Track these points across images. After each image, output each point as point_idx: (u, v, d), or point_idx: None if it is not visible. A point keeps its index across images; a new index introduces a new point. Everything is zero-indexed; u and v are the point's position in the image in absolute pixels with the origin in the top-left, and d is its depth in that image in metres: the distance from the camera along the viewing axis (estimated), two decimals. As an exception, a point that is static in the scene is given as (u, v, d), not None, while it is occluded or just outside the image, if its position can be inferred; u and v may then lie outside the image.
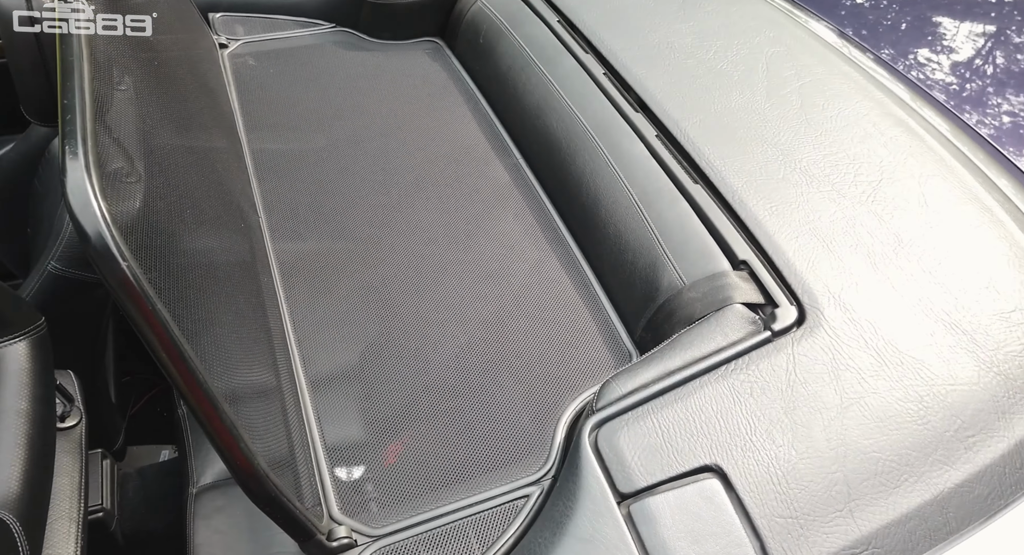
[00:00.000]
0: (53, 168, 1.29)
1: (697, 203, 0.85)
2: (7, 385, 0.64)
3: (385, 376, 0.84)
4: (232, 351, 0.63)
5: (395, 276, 0.96)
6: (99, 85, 0.58)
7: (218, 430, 0.53)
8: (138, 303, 0.49)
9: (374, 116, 1.23)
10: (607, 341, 0.85)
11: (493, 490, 0.68)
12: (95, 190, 0.49)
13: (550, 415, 0.77)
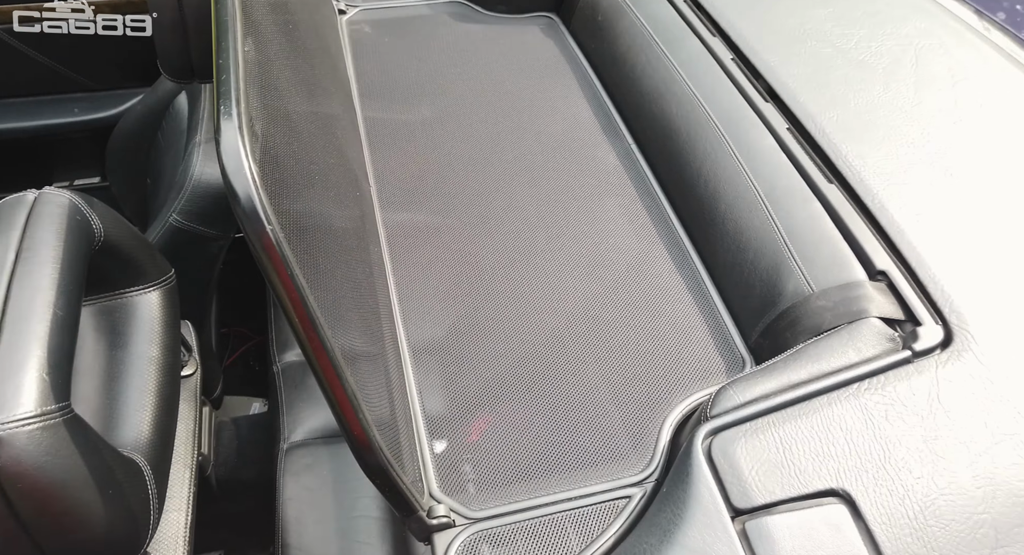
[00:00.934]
0: (176, 123, 1.35)
1: (831, 204, 0.79)
2: (140, 332, 0.67)
3: (480, 354, 0.83)
4: (351, 318, 0.64)
5: (494, 254, 0.95)
6: (250, 46, 0.59)
7: (340, 399, 0.53)
8: (278, 267, 0.49)
9: (484, 90, 1.21)
10: (718, 343, 0.81)
11: (593, 486, 0.67)
12: (247, 151, 0.49)
13: (653, 415, 0.74)
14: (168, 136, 1.36)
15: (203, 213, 1.09)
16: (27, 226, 0.58)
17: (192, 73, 1.04)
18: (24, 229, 0.58)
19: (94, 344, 0.65)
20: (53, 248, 0.57)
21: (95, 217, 0.64)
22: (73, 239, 0.59)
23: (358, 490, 1.08)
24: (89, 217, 0.63)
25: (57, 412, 0.49)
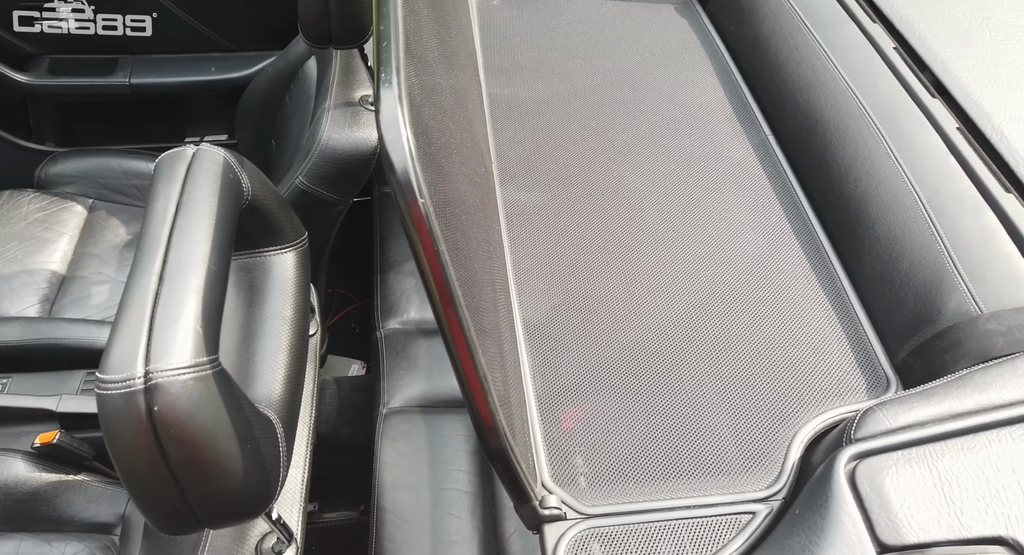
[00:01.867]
0: (304, 87, 1.38)
1: (1008, 217, 0.71)
2: (274, 291, 0.69)
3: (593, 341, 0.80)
4: (483, 297, 0.63)
5: (611, 239, 0.92)
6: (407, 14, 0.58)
7: (470, 379, 0.52)
8: (425, 243, 0.49)
9: (610, 70, 1.17)
10: (858, 357, 0.74)
11: (713, 497, 0.63)
12: (405, 122, 0.48)
13: (781, 428, 0.69)
14: (296, 99, 1.40)
15: (327, 177, 1.11)
16: (186, 180, 0.60)
17: (330, 39, 1.06)
18: (184, 183, 0.60)
19: (233, 300, 0.68)
20: (209, 204, 0.59)
21: (244, 176, 0.66)
22: (226, 196, 0.61)
23: (452, 462, 1.09)
24: (240, 175, 0.65)
25: (208, 365, 0.51)
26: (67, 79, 1.58)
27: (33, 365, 1.23)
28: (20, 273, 1.37)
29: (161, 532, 0.54)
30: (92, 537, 1.05)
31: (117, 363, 0.48)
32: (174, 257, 0.55)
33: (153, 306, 0.51)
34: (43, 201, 1.50)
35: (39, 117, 1.67)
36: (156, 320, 0.50)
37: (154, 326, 0.50)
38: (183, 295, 0.53)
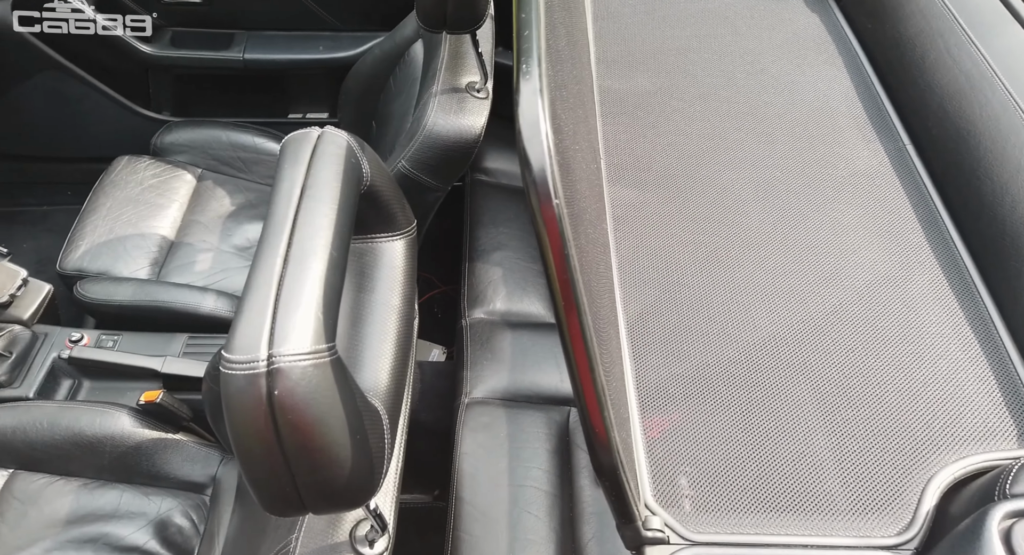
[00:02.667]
0: (410, 71, 1.38)
1: None
2: (383, 279, 0.68)
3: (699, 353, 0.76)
4: (599, 303, 0.60)
5: (717, 244, 0.87)
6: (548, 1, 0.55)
7: (587, 392, 0.49)
8: (555, 244, 0.46)
9: (731, 66, 1.10)
10: (1008, 399, 0.67)
11: (835, 538, 0.58)
12: (546, 116, 0.46)
13: (911, 468, 0.63)
14: (400, 82, 1.41)
15: (430, 163, 1.11)
16: (311, 163, 0.60)
17: (444, 23, 1.04)
18: (309, 165, 0.60)
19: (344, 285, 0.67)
20: (332, 188, 0.59)
21: (365, 161, 0.65)
22: (348, 181, 0.61)
23: (531, 460, 1.08)
24: (361, 160, 0.65)
25: (327, 352, 0.50)
26: (186, 51, 1.65)
27: (140, 325, 1.30)
28: (134, 236, 1.44)
29: (265, 511, 0.54)
30: (185, 495, 1.10)
31: (242, 344, 0.48)
32: (298, 240, 0.55)
33: (278, 289, 0.51)
34: (157, 168, 1.58)
35: (158, 87, 1.75)
36: (280, 304, 0.50)
37: (278, 310, 0.50)
38: (306, 280, 0.52)
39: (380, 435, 0.56)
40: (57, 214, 1.85)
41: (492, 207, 1.53)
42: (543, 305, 1.35)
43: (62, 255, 1.38)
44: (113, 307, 1.29)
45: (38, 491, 1.04)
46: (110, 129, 1.73)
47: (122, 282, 1.32)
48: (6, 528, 1.00)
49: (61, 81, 1.63)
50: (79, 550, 1.00)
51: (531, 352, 1.24)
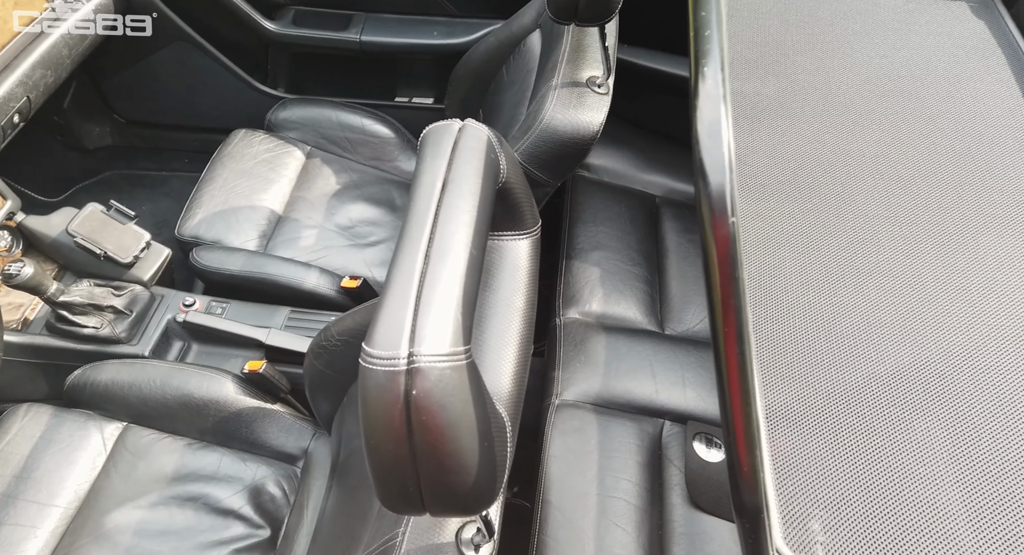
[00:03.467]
0: (524, 61, 1.36)
1: None
2: (507, 279, 0.67)
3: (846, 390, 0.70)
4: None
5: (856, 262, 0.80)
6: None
7: (739, 427, 0.46)
8: (724, 265, 0.42)
9: (878, 71, 1.02)
10: None
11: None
12: (728, 124, 0.42)
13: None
14: (513, 72, 1.39)
15: (543, 158, 1.08)
16: (453, 156, 0.59)
17: (575, 14, 1.01)
18: (451, 159, 0.59)
19: (467, 280, 0.66)
20: (473, 184, 0.57)
21: (503, 156, 0.64)
22: (488, 177, 0.59)
23: (622, 471, 1.05)
24: (499, 156, 0.63)
25: (463, 354, 0.49)
26: (307, 30, 1.69)
27: (246, 294, 1.34)
28: (246, 208, 1.50)
29: (382, 504, 0.54)
30: (278, 464, 1.14)
31: (384, 340, 0.48)
32: (440, 237, 0.53)
33: (419, 287, 0.50)
34: (270, 143, 1.63)
35: (276, 64, 1.81)
36: (421, 302, 0.49)
37: (419, 308, 0.49)
38: (446, 279, 0.51)
39: (504, 443, 0.54)
40: (174, 180, 1.95)
41: (593, 205, 1.49)
42: (641, 311, 1.31)
43: (180, 221, 1.44)
44: (224, 275, 1.34)
45: (147, 446, 1.10)
46: (229, 102, 1.80)
47: (233, 252, 1.37)
48: (118, 477, 1.06)
49: (189, 53, 1.70)
50: (181, 507, 1.04)
51: (626, 359, 1.20)
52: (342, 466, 0.93)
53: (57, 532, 0.99)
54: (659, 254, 1.43)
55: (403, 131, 1.72)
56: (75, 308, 1.19)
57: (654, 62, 1.57)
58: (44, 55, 1.35)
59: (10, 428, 1.06)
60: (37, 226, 1.30)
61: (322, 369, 1.05)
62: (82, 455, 1.06)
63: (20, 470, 1.02)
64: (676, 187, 1.56)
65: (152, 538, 1.00)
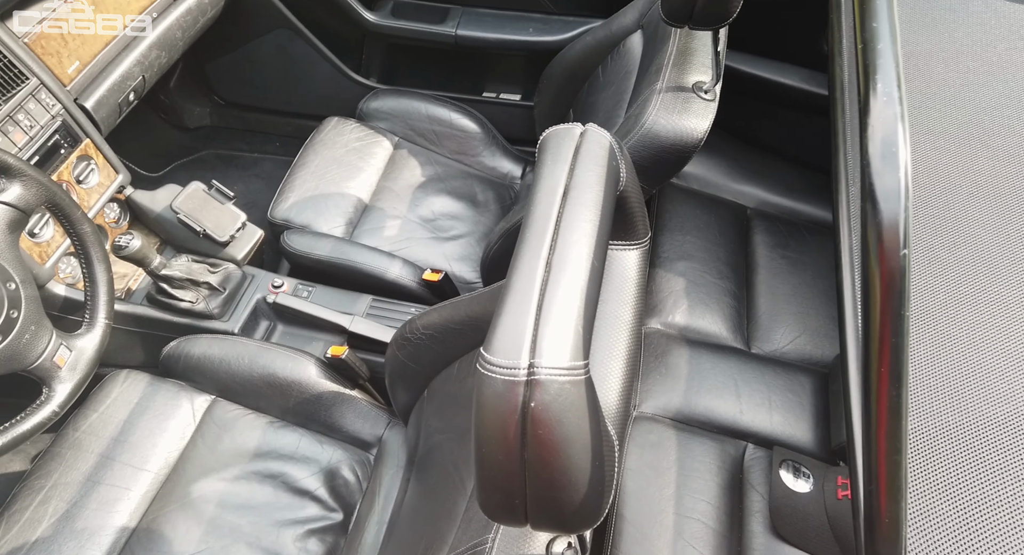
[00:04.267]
0: (623, 62, 1.33)
1: None
2: (614, 290, 0.65)
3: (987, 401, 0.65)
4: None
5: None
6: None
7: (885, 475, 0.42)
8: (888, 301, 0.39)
9: None
10: None
11: None
12: (907, 147, 0.39)
13: None
14: (610, 73, 1.36)
15: (641, 164, 1.05)
16: (575, 162, 0.57)
17: (690, 16, 0.98)
18: (572, 165, 0.57)
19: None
20: (595, 192, 0.55)
21: (623, 164, 0.61)
22: (609, 185, 0.57)
23: (700, 492, 1.01)
24: (620, 163, 0.61)
25: (583, 369, 0.47)
26: (405, 22, 1.71)
27: (331, 280, 1.37)
28: (335, 195, 1.53)
29: (484, 513, 0.53)
30: (353, 450, 1.16)
31: (505, 347, 0.46)
32: (561, 246, 0.52)
33: (540, 296, 0.49)
34: (361, 132, 1.65)
35: (371, 54, 1.84)
36: (543, 311, 0.48)
37: (540, 318, 0.48)
38: (567, 290, 0.49)
39: (612, 462, 0.52)
40: (265, 162, 2.01)
41: (681, 213, 1.45)
42: (727, 326, 1.26)
43: (273, 204, 1.48)
44: (311, 260, 1.37)
45: (233, 420, 1.14)
46: (323, 89, 1.84)
47: (321, 238, 1.40)
48: (205, 448, 1.10)
49: (289, 40, 1.75)
50: (261, 483, 1.07)
51: (709, 375, 1.16)
52: (422, 460, 0.93)
53: (148, 496, 1.03)
54: (748, 268, 1.38)
55: (489, 127, 1.72)
56: (174, 282, 1.24)
57: (752, 67, 1.51)
58: (160, 37, 1.41)
59: (111, 392, 1.11)
60: (143, 200, 1.36)
61: (404, 361, 1.05)
62: (173, 424, 1.11)
63: (118, 433, 1.07)
64: (769, 199, 1.50)
65: (233, 511, 1.03)
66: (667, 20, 1.00)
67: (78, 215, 0.94)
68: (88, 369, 0.92)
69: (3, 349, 0.82)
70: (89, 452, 1.04)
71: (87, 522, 0.97)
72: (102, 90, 1.29)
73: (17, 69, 1.13)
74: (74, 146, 1.24)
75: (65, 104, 1.21)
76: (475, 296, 0.96)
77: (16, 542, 0.93)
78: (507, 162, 1.72)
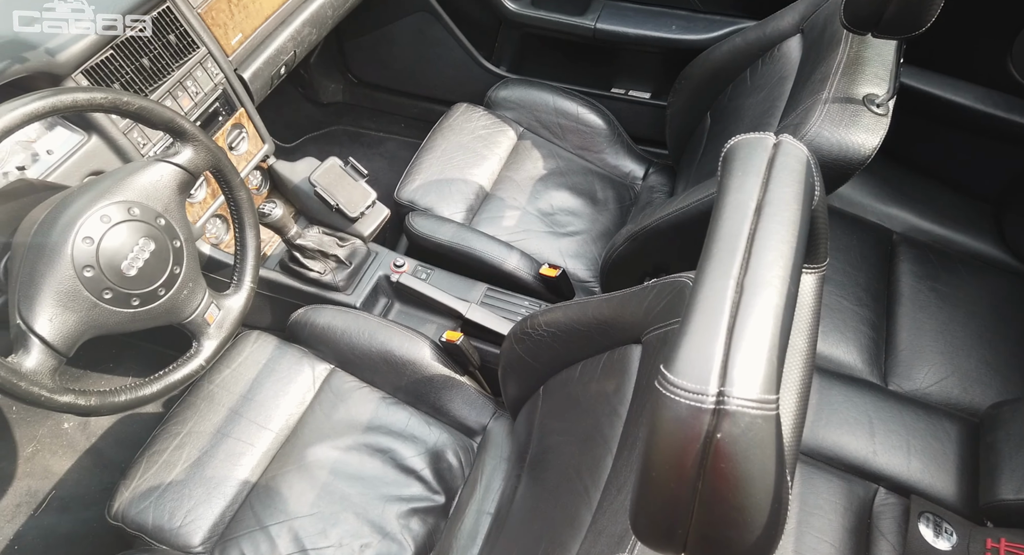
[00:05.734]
0: (777, 67, 1.25)
1: None
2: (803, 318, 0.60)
3: None
4: None
5: None
6: None
7: None
8: None
9: None
10: None
11: None
12: None
13: None
14: (761, 78, 1.29)
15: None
16: (769, 176, 0.54)
17: (876, 23, 0.90)
18: (766, 179, 0.53)
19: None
20: (792, 211, 0.51)
21: (817, 182, 0.57)
22: (806, 204, 0.53)
23: (824, 532, 0.95)
24: (816, 180, 0.57)
25: (774, 404, 0.44)
26: (544, 12, 1.70)
27: (449, 264, 1.38)
28: (458, 180, 1.54)
29: (636, 536, 0.51)
30: (458, 435, 1.17)
31: (690, 370, 0.44)
32: (755, 266, 0.49)
33: (732, 319, 0.46)
34: (488, 120, 1.66)
35: (504, 42, 1.83)
36: (734, 335, 0.45)
37: (732, 342, 0.45)
38: (762, 315, 0.46)
39: (786, 504, 0.49)
40: (389, 142, 2.06)
41: (818, 231, 1.36)
42: (862, 358, 1.18)
43: (400, 185, 1.52)
44: (433, 243, 1.39)
45: (348, 391, 1.17)
46: (453, 75, 1.86)
47: (444, 222, 1.42)
48: (322, 415, 1.14)
49: (428, 24, 1.78)
50: (371, 456, 1.10)
51: (840, 408, 1.08)
52: (536, 461, 0.92)
53: (268, 454, 1.08)
54: (890, 297, 1.28)
55: (615, 123, 1.68)
56: (306, 251, 1.29)
57: (923, 82, 1.38)
58: (313, 14, 1.46)
59: (242, 351, 1.17)
60: (284, 171, 1.42)
61: (522, 355, 1.05)
62: (294, 388, 1.16)
63: (247, 390, 1.12)
64: (920, 225, 1.38)
65: (344, 480, 1.07)
66: (848, 26, 0.93)
67: (237, 182, 0.99)
68: (232, 328, 0.97)
69: (165, 302, 0.87)
70: (220, 405, 1.10)
71: (215, 471, 1.03)
72: (259, 62, 1.35)
73: (190, 38, 1.19)
74: (230, 114, 1.30)
75: (227, 74, 1.28)
76: (605, 299, 0.94)
77: (154, 481, 1.00)
78: (630, 161, 1.67)
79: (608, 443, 0.76)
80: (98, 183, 0.85)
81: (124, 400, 0.83)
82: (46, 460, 1.35)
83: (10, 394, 0.73)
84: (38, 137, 1.00)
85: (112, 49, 1.07)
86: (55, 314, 0.77)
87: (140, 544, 0.96)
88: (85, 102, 0.80)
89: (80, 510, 1.33)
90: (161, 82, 1.15)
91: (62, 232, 0.78)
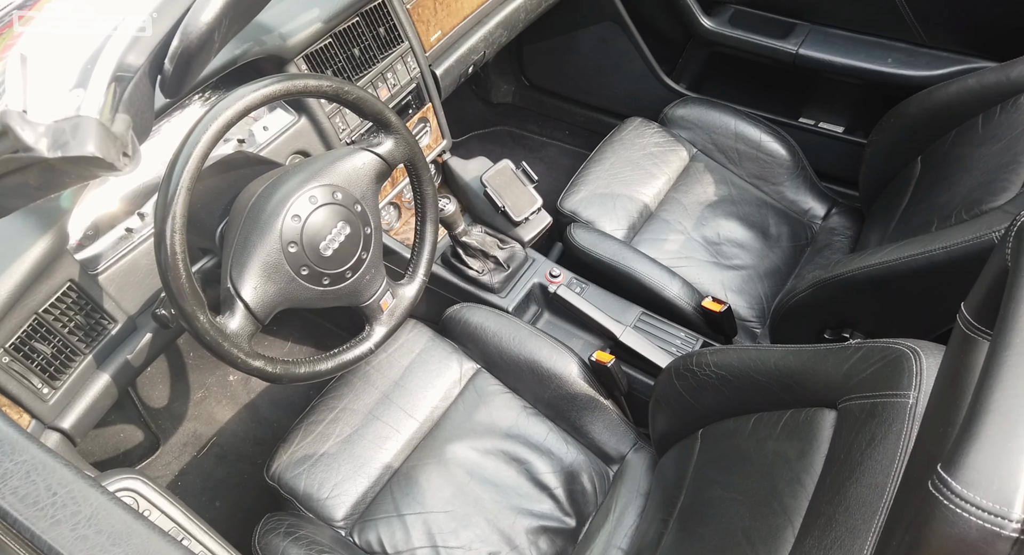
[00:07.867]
0: (1018, 117, 1.10)
1: None
2: None
3: None
4: None
5: None
6: None
7: None
8: None
9: None
10: None
11: None
12: None
13: None
14: (997, 127, 1.14)
15: None
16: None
17: None
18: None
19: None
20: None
21: None
22: None
23: None
24: None
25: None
26: (742, 33, 1.61)
27: (604, 281, 1.35)
28: (623, 197, 1.50)
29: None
30: (594, 459, 1.13)
31: (987, 483, 0.37)
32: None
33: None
34: (661, 138, 1.60)
35: (689, 59, 1.77)
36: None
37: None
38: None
39: None
40: (551, 147, 2.06)
41: None
42: None
43: (564, 195, 1.50)
44: (592, 258, 1.36)
45: (492, 394, 1.17)
46: (629, 88, 1.82)
47: (605, 238, 1.39)
48: (464, 413, 1.14)
49: (613, 34, 1.75)
50: (508, 464, 1.09)
51: None
52: (692, 511, 0.86)
53: (412, 443, 1.10)
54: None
55: (800, 156, 1.56)
56: (470, 249, 1.30)
57: None
58: (507, 16, 1.48)
59: (399, 337, 1.20)
60: (457, 167, 1.45)
61: (681, 391, 0.99)
62: (441, 382, 1.17)
63: (399, 377, 1.15)
64: None
65: (480, 483, 1.06)
66: None
67: (427, 176, 1.01)
68: (402, 317, 0.99)
69: (350, 284, 0.90)
70: (374, 387, 1.14)
71: (363, 450, 1.06)
72: (451, 60, 1.38)
73: (398, 32, 1.24)
74: (419, 108, 1.35)
75: (423, 69, 1.32)
76: (792, 351, 0.86)
77: (309, 450, 1.05)
78: (811, 198, 1.55)
79: (788, 514, 0.69)
80: (309, 165, 0.90)
81: (303, 372, 0.87)
82: (211, 407, 1.47)
83: (214, 351, 0.79)
84: (261, 115, 1.08)
85: (331, 37, 1.13)
86: (259, 283, 0.82)
87: (290, 507, 1.01)
88: (315, 88, 0.84)
89: (235, 461, 1.44)
90: (366, 72, 1.20)
91: (275, 208, 0.83)
